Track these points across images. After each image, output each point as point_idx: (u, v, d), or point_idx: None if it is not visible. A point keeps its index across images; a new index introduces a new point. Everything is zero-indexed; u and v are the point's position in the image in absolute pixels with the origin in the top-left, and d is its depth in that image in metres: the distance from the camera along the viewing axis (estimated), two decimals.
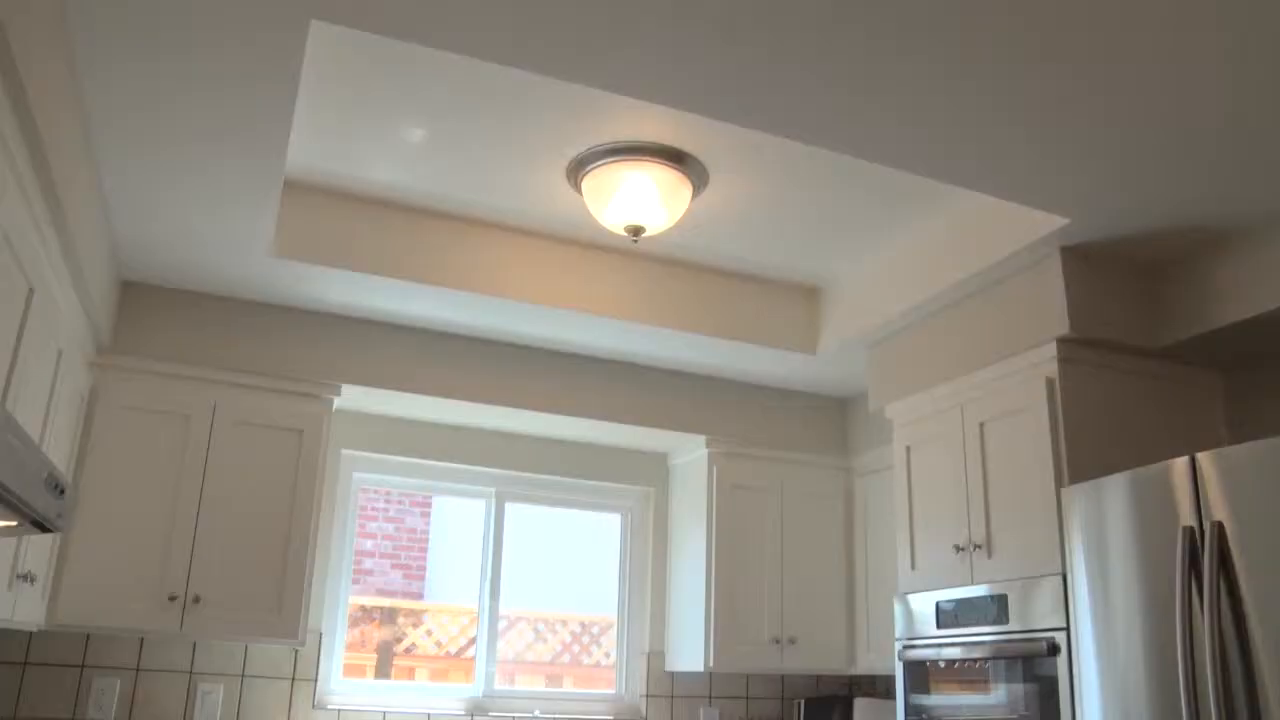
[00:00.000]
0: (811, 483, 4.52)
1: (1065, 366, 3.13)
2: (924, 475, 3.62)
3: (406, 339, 3.97)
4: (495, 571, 4.35)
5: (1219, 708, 2.29)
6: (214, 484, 3.55)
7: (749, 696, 4.58)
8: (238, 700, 3.77)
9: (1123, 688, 2.59)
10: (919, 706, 3.43)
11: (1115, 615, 2.65)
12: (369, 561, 4.37)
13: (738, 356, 4.19)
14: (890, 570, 4.00)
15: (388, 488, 4.45)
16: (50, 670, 3.57)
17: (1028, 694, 3.01)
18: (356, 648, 4.16)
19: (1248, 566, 2.31)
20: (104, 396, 3.48)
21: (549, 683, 4.48)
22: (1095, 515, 2.76)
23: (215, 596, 3.47)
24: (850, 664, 4.36)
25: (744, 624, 4.23)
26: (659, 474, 4.72)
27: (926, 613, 3.43)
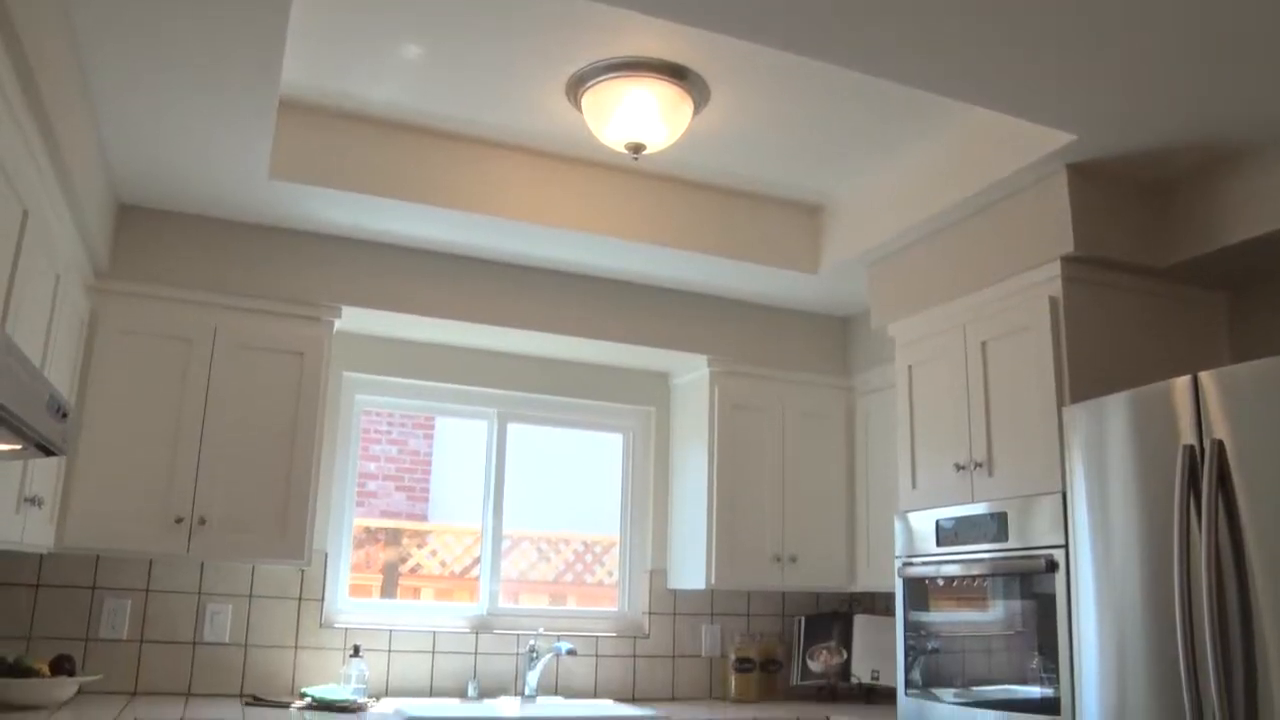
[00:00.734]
0: (812, 402, 4.53)
1: (1069, 286, 3.12)
2: (925, 394, 3.63)
3: (407, 260, 3.95)
4: (498, 492, 4.38)
5: (1213, 624, 2.32)
6: (216, 407, 3.56)
7: (750, 614, 4.65)
8: (246, 619, 3.83)
9: (1119, 604, 2.62)
10: (918, 623, 3.48)
11: (1113, 533, 2.67)
12: (373, 484, 4.40)
13: (739, 275, 4.17)
14: (890, 489, 4.03)
15: (390, 409, 4.47)
16: (62, 592, 3.62)
17: (1025, 611, 3.05)
18: (362, 569, 4.22)
19: (1246, 485, 2.33)
20: (104, 321, 3.47)
21: (552, 601, 4.55)
22: (1096, 434, 2.76)
23: (220, 518, 3.50)
24: (850, 581, 4.41)
25: (745, 542, 4.28)
26: (660, 394, 4.73)
27: (926, 531, 3.47)
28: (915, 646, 3.47)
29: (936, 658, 3.39)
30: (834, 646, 4.41)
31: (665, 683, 4.45)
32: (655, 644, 4.46)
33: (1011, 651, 3.10)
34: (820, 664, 4.39)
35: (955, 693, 3.26)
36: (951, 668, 3.33)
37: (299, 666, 3.86)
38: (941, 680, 3.34)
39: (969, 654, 3.29)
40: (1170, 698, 2.43)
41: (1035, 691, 2.95)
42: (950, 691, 3.28)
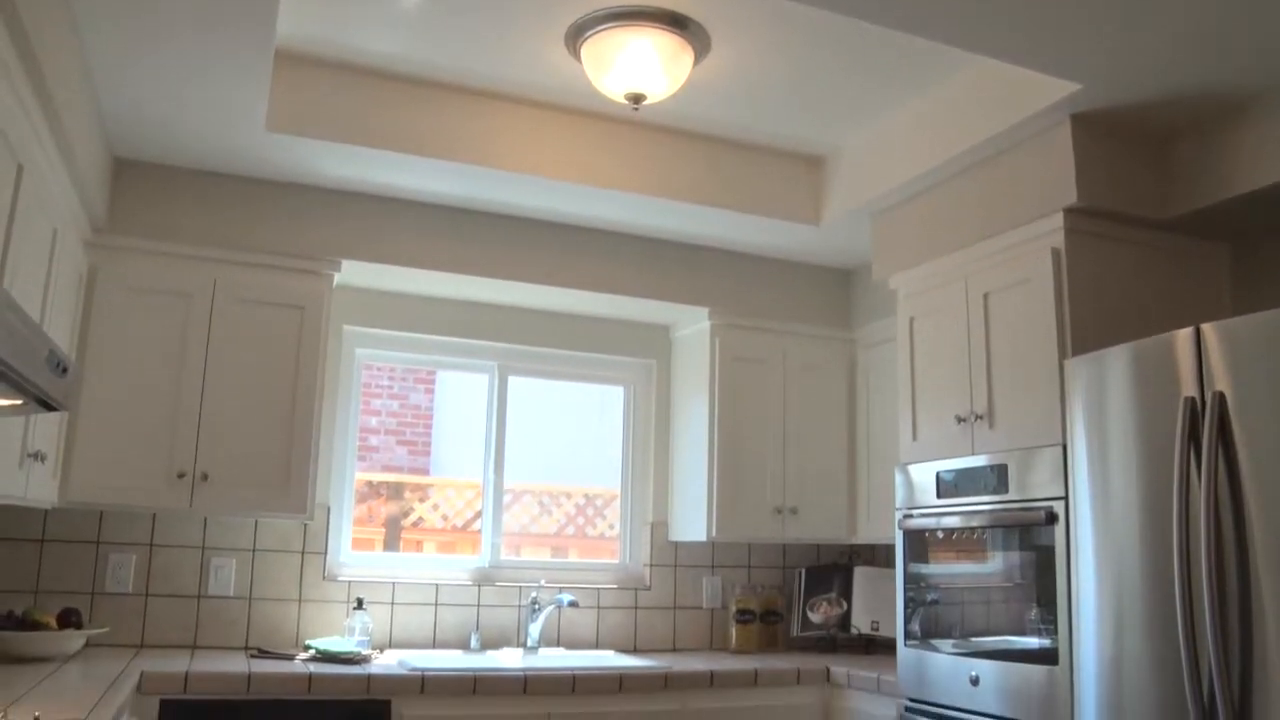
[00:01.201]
0: (814, 354, 4.53)
1: (1072, 237, 3.10)
2: (927, 346, 3.63)
3: (406, 213, 3.93)
4: (499, 445, 4.39)
5: (1210, 575, 2.33)
6: (217, 362, 3.56)
7: (751, 565, 4.68)
8: (250, 573, 3.86)
9: (1118, 556, 2.63)
10: (918, 575, 3.50)
11: (1113, 485, 2.67)
12: (374, 439, 4.41)
13: (740, 227, 4.15)
14: (891, 441, 4.04)
15: (391, 363, 4.46)
16: (67, 546, 3.64)
17: (1024, 562, 3.07)
18: (364, 523, 4.23)
19: (1247, 437, 2.33)
20: (103, 276, 3.46)
21: (554, 554, 4.57)
22: (1096, 386, 2.76)
23: (223, 473, 3.51)
24: (851, 533, 4.44)
25: (746, 494, 4.30)
26: (661, 346, 4.72)
27: (927, 483, 3.48)
28: (915, 598, 3.49)
29: (936, 609, 3.42)
30: (834, 598, 4.45)
31: (666, 634, 4.49)
32: (656, 596, 4.50)
33: (1010, 603, 3.12)
34: (820, 615, 4.43)
35: (954, 643, 3.29)
36: (950, 619, 3.36)
37: (303, 619, 3.90)
38: (940, 631, 3.37)
39: (968, 605, 3.31)
40: (1167, 649, 2.45)
41: (1033, 642, 2.98)
42: (949, 642, 3.31)
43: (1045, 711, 2.89)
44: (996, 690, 3.07)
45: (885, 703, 3.56)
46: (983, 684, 3.12)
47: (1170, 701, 2.43)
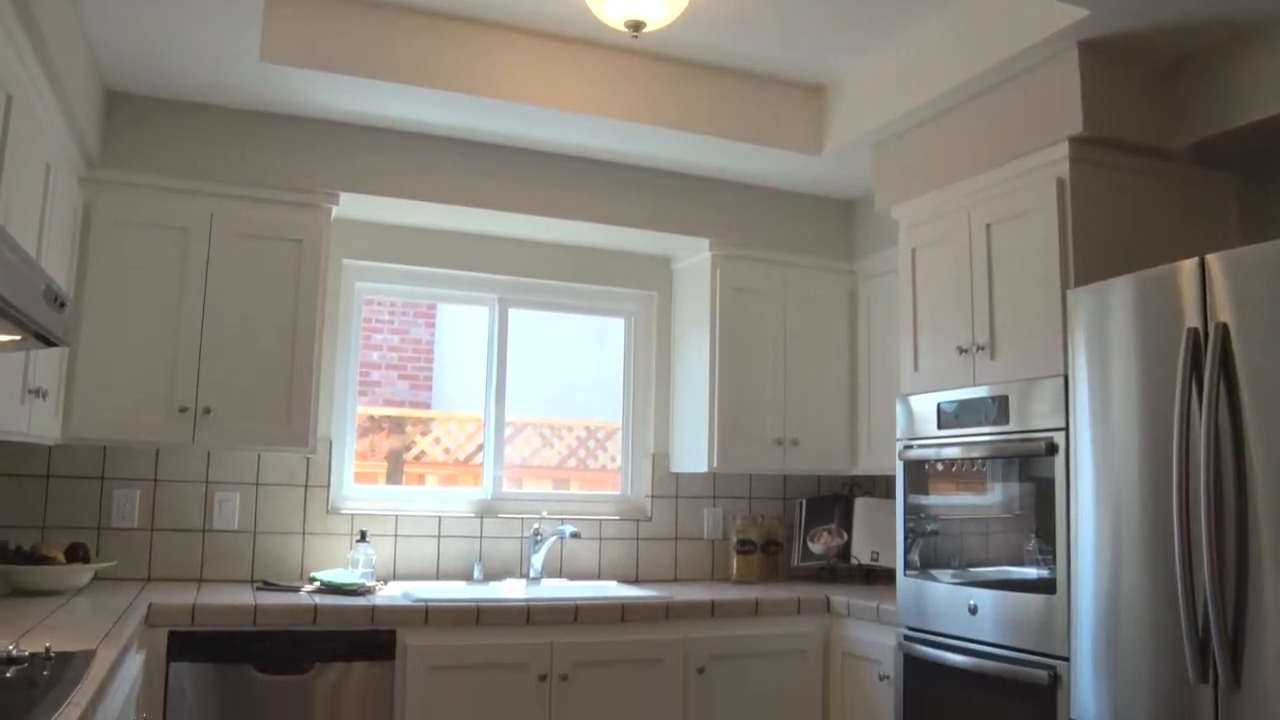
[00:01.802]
0: (815, 286, 4.51)
1: (1077, 167, 3.06)
2: (929, 278, 3.61)
3: (404, 144, 3.88)
4: (500, 378, 4.39)
5: (1209, 507, 2.34)
6: (217, 296, 3.55)
7: (752, 496, 4.71)
8: (254, 507, 3.88)
9: (1117, 487, 2.64)
10: (918, 506, 3.52)
11: (1114, 417, 2.67)
12: (376, 373, 4.41)
13: (741, 158, 4.11)
14: (892, 373, 4.04)
15: (391, 297, 4.45)
16: (72, 482, 3.66)
17: (1023, 493, 3.09)
18: (366, 457, 4.25)
19: (1249, 369, 2.32)
20: (98, 212, 3.43)
21: (556, 486, 4.60)
22: (1099, 317, 2.75)
23: (225, 407, 3.51)
24: (851, 465, 4.46)
25: (747, 425, 4.31)
26: (662, 278, 4.70)
27: (927, 413, 3.48)
28: (914, 529, 3.52)
29: (935, 540, 3.44)
30: (834, 528, 4.48)
31: (668, 564, 4.53)
32: (657, 526, 4.53)
33: (1009, 534, 3.15)
34: (821, 546, 4.46)
35: (953, 573, 3.32)
36: (950, 549, 3.38)
37: (307, 552, 3.93)
38: (940, 562, 3.40)
39: (967, 536, 3.34)
40: (1164, 579, 2.47)
41: (1031, 572, 3.01)
42: (948, 572, 3.34)
43: (1042, 639, 2.93)
44: (995, 619, 3.10)
45: (885, 631, 3.61)
46: (981, 613, 3.15)
47: (1166, 630, 2.46)
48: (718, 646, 3.74)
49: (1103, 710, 2.63)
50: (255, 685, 3.16)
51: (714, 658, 3.72)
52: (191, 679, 3.10)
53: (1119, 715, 2.58)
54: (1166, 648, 2.46)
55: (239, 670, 3.15)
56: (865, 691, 3.71)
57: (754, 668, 3.79)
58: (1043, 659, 2.92)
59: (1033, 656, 2.95)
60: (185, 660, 3.09)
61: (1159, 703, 2.47)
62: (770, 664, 3.81)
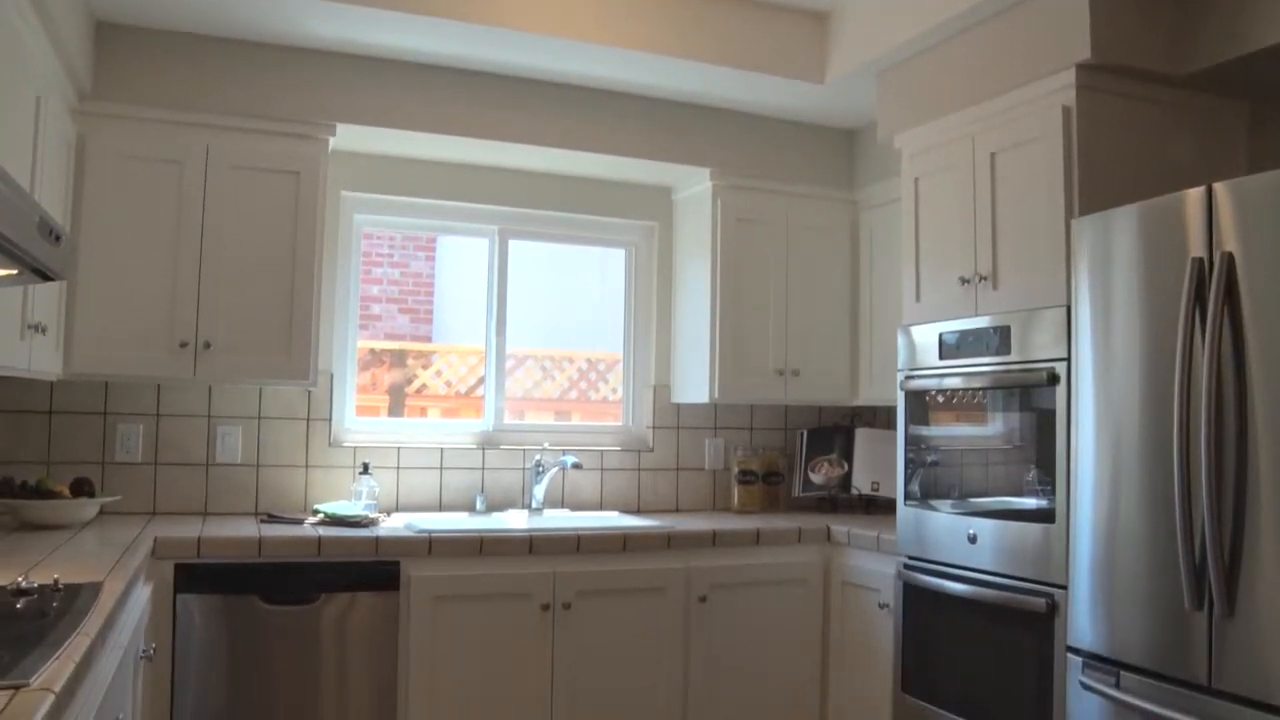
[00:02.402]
0: (817, 216, 4.47)
1: (1084, 94, 3.01)
2: (931, 207, 3.57)
3: (400, 74, 3.82)
4: (501, 310, 4.38)
5: (1209, 438, 2.34)
6: (214, 230, 3.52)
7: (753, 427, 4.72)
8: (256, 440, 3.90)
9: (1118, 418, 2.64)
10: (918, 437, 3.53)
11: (1115, 347, 2.67)
12: (376, 307, 4.40)
13: (743, 86, 4.05)
14: (894, 304, 4.02)
15: (390, 230, 4.42)
16: (75, 418, 3.67)
17: (1024, 424, 3.09)
18: (368, 391, 4.26)
19: (1253, 300, 2.30)
20: (92, 145, 3.39)
21: (558, 419, 4.61)
22: (1103, 247, 2.73)
23: (225, 341, 3.51)
24: (852, 395, 4.46)
25: (748, 356, 4.30)
26: (663, 208, 4.66)
27: (929, 344, 3.48)
28: (915, 459, 3.53)
29: (935, 470, 3.46)
30: (835, 459, 4.50)
31: (669, 495, 4.56)
32: (659, 457, 4.55)
33: (1009, 465, 3.16)
34: (822, 476, 4.49)
35: (953, 503, 3.34)
36: (950, 480, 3.40)
37: (310, 484, 3.96)
38: (940, 492, 3.42)
39: (967, 467, 3.35)
40: (1163, 509, 2.48)
41: (1030, 503, 3.02)
42: (948, 503, 3.36)
43: (1040, 568, 2.95)
44: (994, 548, 3.13)
45: (885, 560, 3.64)
46: (980, 542, 3.18)
47: (1163, 559, 2.48)
48: (719, 576, 3.78)
49: (1099, 637, 2.66)
50: (261, 615, 3.20)
51: (715, 587, 3.76)
52: (199, 610, 3.14)
53: (1115, 642, 2.61)
54: (1163, 576, 2.48)
55: (245, 601, 3.19)
56: (865, 619, 3.75)
57: (755, 596, 3.83)
58: (1041, 587, 2.95)
59: (1031, 585, 2.98)
60: (192, 592, 3.13)
61: (1154, 629, 2.50)
62: (771, 593, 3.86)
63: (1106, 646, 2.64)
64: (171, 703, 3.10)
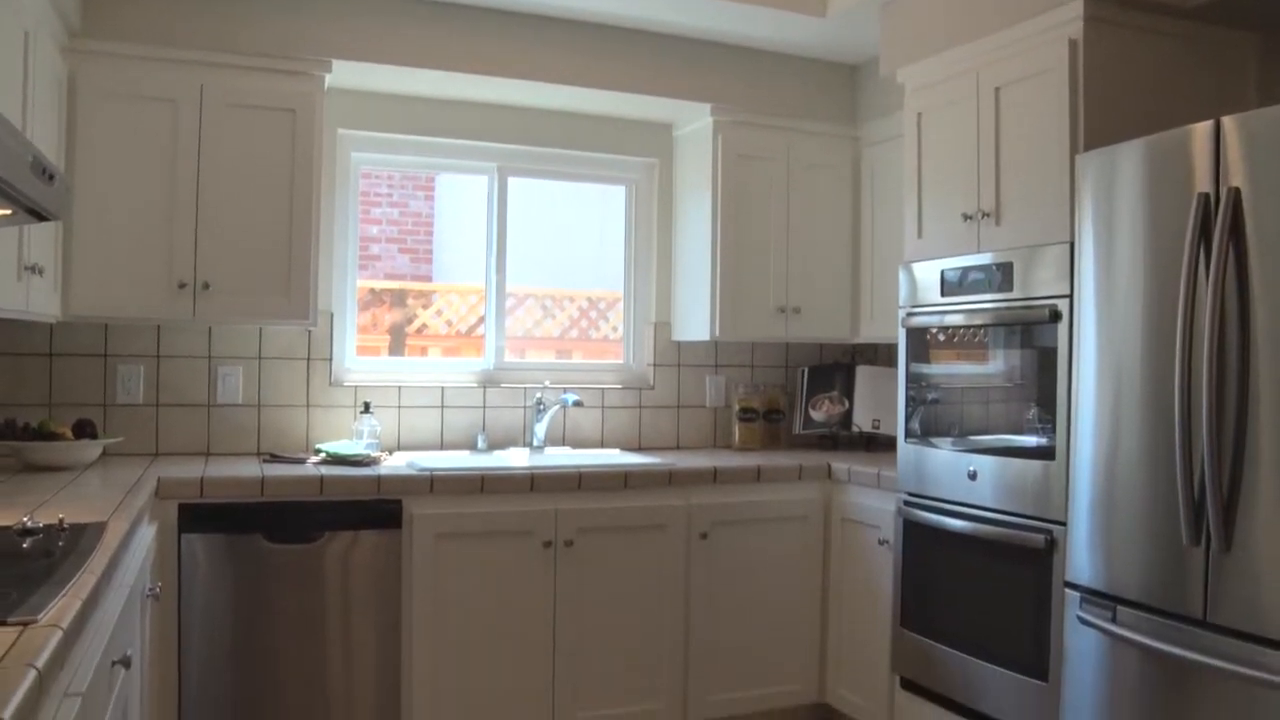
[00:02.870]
0: (819, 152, 4.42)
1: (1090, 27, 2.96)
2: (934, 143, 3.53)
3: (397, 8, 3.76)
4: (500, 248, 4.36)
5: (1210, 375, 2.33)
6: (210, 169, 3.48)
7: (754, 365, 4.72)
8: (257, 381, 3.90)
9: (1119, 355, 2.64)
10: (919, 374, 3.53)
11: (1118, 283, 2.65)
12: (376, 247, 4.37)
13: (745, 20, 3.98)
14: (895, 241, 4.00)
15: (388, 168, 4.38)
16: (76, 360, 3.67)
17: (1025, 362, 3.09)
18: (369, 331, 4.25)
19: (1259, 235, 2.28)
20: (84, 84, 3.33)
21: (559, 358, 4.61)
22: (1107, 182, 2.70)
23: (224, 282, 3.49)
24: (853, 333, 4.46)
25: (749, 293, 4.29)
26: (663, 145, 4.62)
27: (931, 281, 3.46)
28: (916, 397, 3.53)
29: (936, 408, 3.46)
30: (836, 396, 4.51)
31: (670, 433, 4.58)
32: (660, 395, 4.56)
33: (1009, 403, 3.16)
34: (823, 413, 4.50)
35: (953, 441, 3.35)
36: (950, 418, 3.41)
37: (311, 424, 3.97)
38: (940, 430, 3.42)
39: (968, 405, 3.36)
40: (1163, 446, 2.49)
41: (1031, 440, 3.03)
42: (948, 440, 3.37)
43: (1040, 504, 2.97)
44: (994, 484, 3.14)
45: (885, 497, 3.66)
46: (980, 478, 3.19)
47: (1161, 495, 2.49)
48: (720, 513, 3.80)
49: (1097, 572, 2.69)
50: (265, 554, 3.23)
51: (716, 523, 3.79)
52: (203, 549, 3.16)
53: (1113, 577, 2.64)
54: (1161, 512, 2.49)
55: (249, 540, 3.21)
56: (865, 556, 3.78)
57: (755, 533, 3.86)
58: (1040, 523, 2.96)
59: (1030, 521, 3.00)
60: (196, 531, 3.15)
61: (1152, 564, 2.52)
62: (771, 529, 3.89)
63: (1104, 582, 2.66)
64: (179, 639, 3.14)
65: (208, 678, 3.17)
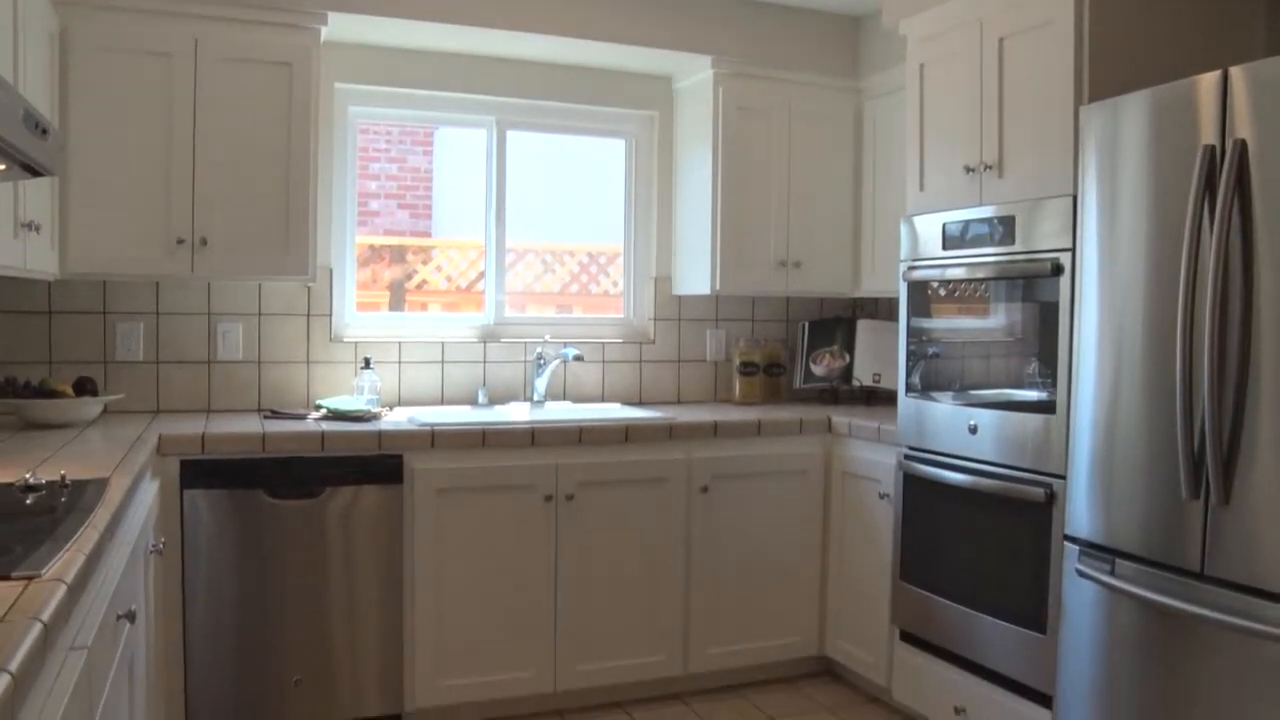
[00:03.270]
0: (820, 105, 4.38)
1: None
2: (937, 94, 3.50)
3: None
4: (500, 202, 4.33)
5: (1213, 329, 2.33)
6: (206, 125, 3.45)
7: (754, 319, 4.71)
8: (257, 337, 3.89)
9: (1121, 308, 2.63)
10: (920, 329, 3.52)
11: (1121, 237, 2.64)
12: (375, 203, 4.34)
13: None
14: (897, 194, 3.97)
15: (385, 121, 4.34)
16: (75, 318, 3.66)
17: (1026, 317, 3.08)
18: (369, 287, 4.24)
19: (1265, 188, 2.26)
20: (75, 39, 3.29)
21: (559, 312, 4.60)
22: (1111, 134, 2.67)
23: (222, 238, 3.48)
24: (854, 287, 4.44)
25: (749, 247, 4.27)
26: (663, 97, 4.57)
27: (932, 234, 3.44)
28: (916, 351, 3.53)
29: (936, 362, 3.46)
30: (837, 350, 4.51)
31: (671, 387, 4.58)
32: (660, 349, 4.56)
33: (1010, 358, 3.16)
34: (823, 367, 4.50)
35: (953, 395, 3.35)
36: (951, 372, 3.40)
37: (312, 380, 3.97)
38: (941, 384, 3.42)
39: (968, 359, 3.35)
40: (1163, 399, 2.49)
41: (1031, 395, 3.03)
42: (949, 394, 3.37)
43: (1040, 458, 2.97)
44: (994, 438, 3.15)
45: (885, 451, 3.67)
46: (980, 433, 3.19)
47: (1161, 449, 2.49)
48: (720, 466, 3.81)
49: (1096, 525, 2.70)
50: (267, 509, 3.24)
51: (717, 477, 3.80)
52: (206, 504, 3.18)
53: (1112, 530, 2.65)
54: (1161, 466, 2.50)
55: (251, 495, 3.23)
56: (865, 509, 3.80)
57: (756, 487, 3.87)
58: (1040, 477, 2.97)
59: (1030, 475, 3.01)
60: (198, 487, 3.17)
61: (1150, 517, 2.53)
62: (772, 483, 3.90)
63: (1103, 535, 2.67)
64: (184, 594, 3.16)
65: (213, 631, 3.20)
